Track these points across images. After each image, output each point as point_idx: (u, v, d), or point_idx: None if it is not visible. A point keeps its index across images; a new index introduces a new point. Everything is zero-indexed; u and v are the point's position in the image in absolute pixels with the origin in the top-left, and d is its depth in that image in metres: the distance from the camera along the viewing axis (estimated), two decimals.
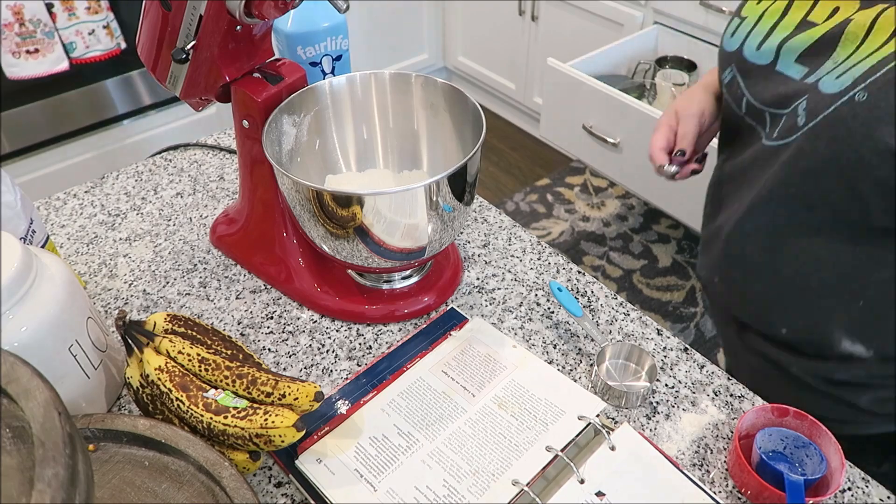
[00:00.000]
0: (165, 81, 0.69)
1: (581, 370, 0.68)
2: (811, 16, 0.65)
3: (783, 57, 0.67)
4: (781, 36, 0.67)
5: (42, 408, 0.36)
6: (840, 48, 0.61)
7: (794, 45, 0.66)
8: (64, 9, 1.64)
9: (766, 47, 0.69)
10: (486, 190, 2.33)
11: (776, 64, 0.67)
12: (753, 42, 0.70)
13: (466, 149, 0.70)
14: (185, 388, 0.55)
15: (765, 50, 0.69)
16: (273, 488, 0.58)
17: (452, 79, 2.74)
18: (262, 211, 0.75)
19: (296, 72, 0.69)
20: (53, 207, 0.90)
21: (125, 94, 1.91)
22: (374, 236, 0.63)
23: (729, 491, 0.58)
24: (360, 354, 0.70)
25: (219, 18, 0.61)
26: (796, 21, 0.66)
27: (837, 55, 0.61)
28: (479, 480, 0.57)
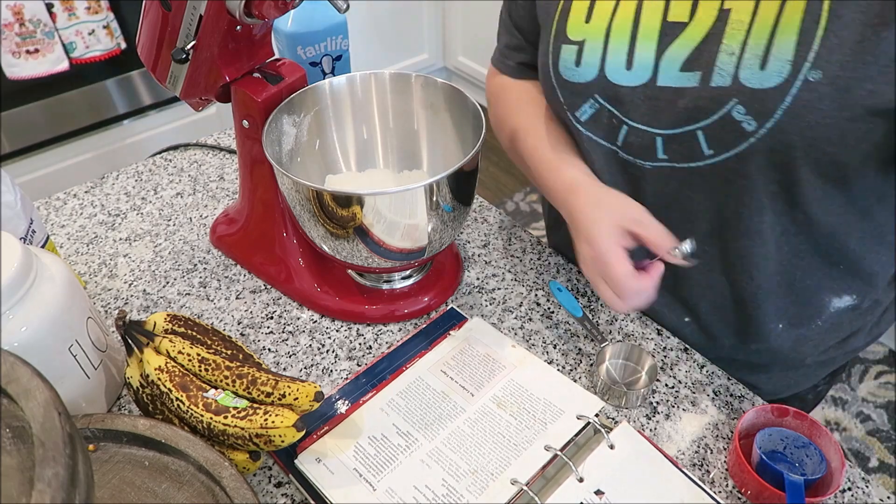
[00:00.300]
0: (165, 81, 0.69)
1: (581, 370, 0.68)
2: (671, 16, 0.58)
3: (664, 70, 0.59)
4: (650, 46, 0.59)
5: (42, 408, 0.36)
6: (727, 39, 0.55)
7: (674, 53, 0.58)
8: (64, 9, 1.64)
9: (638, 64, 0.60)
10: (486, 190, 2.33)
11: (657, 79, 0.59)
12: (617, 63, 0.61)
13: (466, 149, 0.70)
14: (185, 388, 0.55)
15: (638, 67, 0.60)
16: (273, 488, 0.58)
17: (452, 79, 2.74)
18: (262, 211, 0.75)
19: (296, 72, 0.69)
20: (53, 207, 0.90)
21: (125, 94, 1.91)
22: (374, 236, 0.63)
23: (729, 491, 0.58)
24: (360, 354, 0.70)
25: (219, 18, 0.61)
26: (657, 26, 0.59)
27: (729, 46, 0.55)
28: (477, 480, 0.57)
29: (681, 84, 0.58)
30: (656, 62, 0.59)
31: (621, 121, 0.63)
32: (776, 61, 0.54)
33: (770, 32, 0.54)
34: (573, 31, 0.63)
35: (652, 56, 0.59)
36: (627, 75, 0.61)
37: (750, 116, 0.56)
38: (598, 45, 0.62)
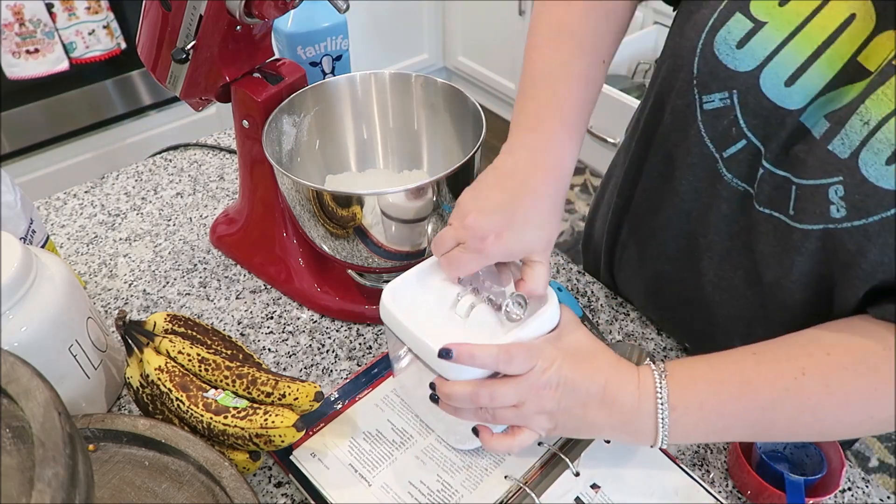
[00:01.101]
0: (165, 81, 0.69)
1: None
2: (863, 55, 0.46)
3: (816, 106, 0.48)
4: (826, 75, 0.48)
5: (42, 408, 0.36)
6: (870, 102, 0.45)
7: (834, 96, 0.47)
8: (64, 9, 1.64)
9: (801, 86, 0.49)
10: None
11: (803, 113, 0.49)
12: (782, 71, 0.49)
13: (466, 149, 0.70)
14: (185, 388, 0.55)
15: (798, 90, 0.49)
16: (273, 488, 0.58)
17: (452, 79, 2.74)
18: (262, 211, 0.75)
19: (296, 72, 0.69)
20: (53, 207, 0.90)
21: (125, 94, 1.91)
22: (373, 236, 0.63)
23: (729, 491, 0.58)
24: (360, 354, 0.70)
25: (219, 18, 0.61)
26: (846, 56, 0.47)
27: (867, 112, 0.45)
28: (472, 475, 0.57)
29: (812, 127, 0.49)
30: (817, 96, 0.48)
31: (742, 134, 0.52)
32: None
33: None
34: (759, 6, 0.50)
35: (819, 86, 0.48)
36: (781, 91, 0.50)
37: (843, 204, 0.47)
38: (777, 38, 0.49)
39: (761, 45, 0.50)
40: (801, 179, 0.49)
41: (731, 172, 0.55)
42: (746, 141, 0.53)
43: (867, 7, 0.47)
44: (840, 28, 0.47)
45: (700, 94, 0.54)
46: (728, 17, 0.51)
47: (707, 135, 0.55)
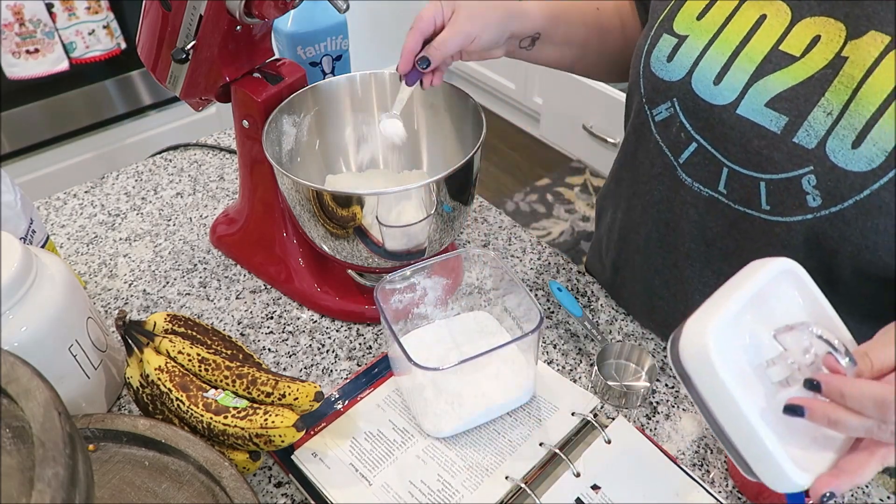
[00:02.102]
0: (165, 81, 0.69)
1: (581, 370, 0.68)
2: (785, 44, 0.52)
3: (750, 97, 0.53)
4: (748, 69, 0.53)
5: (42, 408, 0.36)
6: (830, 93, 0.49)
7: (767, 85, 0.52)
8: (64, 9, 1.64)
9: (727, 82, 0.54)
10: (486, 190, 2.33)
11: (738, 105, 0.54)
12: (707, 73, 0.55)
13: (466, 149, 0.70)
14: (185, 388, 0.55)
15: (726, 86, 0.54)
16: (273, 488, 0.58)
17: (452, 79, 2.74)
18: (262, 211, 0.75)
19: (296, 72, 0.69)
20: (53, 207, 0.90)
21: (125, 94, 1.91)
22: (373, 236, 0.63)
23: (729, 491, 0.58)
24: (360, 354, 0.70)
25: (219, 18, 0.61)
26: (765, 49, 0.53)
27: (829, 103, 0.49)
28: (473, 476, 0.57)
29: (761, 121, 0.52)
30: (745, 88, 0.53)
31: (691, 137, 0.57)
32: (872, 145, 0.47)
33: (879, 106, 0.47)
34: (681, 23, 0.58)
35: (744, 79, 0.53)
36: (711, 90, 0.55)
37: (818, 192, 0.50)
38: (699, 46, 0.56)
39: (687, 55, 0.57)
40: (768, 175, 0.52)
41: (690, 177, 0.59)
42: (696, 144, 0.57)
43: (778, 5, 0.53)
44: (754, 28, 0.54)
45: (650, 108, 0.61)
46: (658, 38, 0.59)
47: (663, 143, 0.61)
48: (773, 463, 0.40)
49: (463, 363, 0.54)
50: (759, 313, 0.43)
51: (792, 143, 0.50)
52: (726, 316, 0.41)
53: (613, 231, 0.75)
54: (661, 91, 0.59)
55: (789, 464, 0.40)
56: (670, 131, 0.59)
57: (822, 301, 0.45)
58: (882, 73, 0.47)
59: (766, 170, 0.52)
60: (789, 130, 0.51)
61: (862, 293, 0.55)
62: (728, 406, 0.40)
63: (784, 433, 0.41)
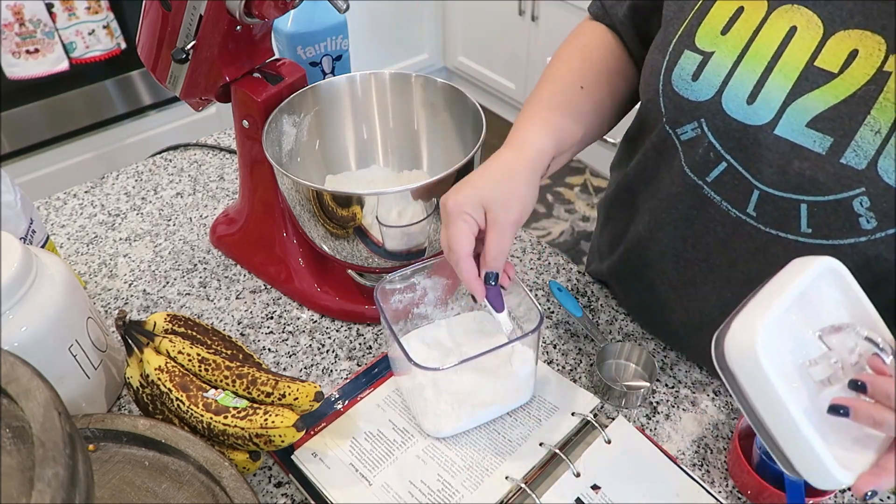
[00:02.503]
0: (165, 81, 0.69)
1: (581, 370, 0.68)
2: (820, 60, 0.49)
3: (789, 117, 0.50)
4: (783, 87, 0.50)
5: (42, 408, 0.36)
6: (876, 111, 0.46)
7: (807, 104, 0.49)
8: (64, 9, 1.64)
9: (762, 102, 0.51)
10: None
11: (776, 126, 0.50)
12: (740, 91, 0.52)
13: (466, 149, 0.70)
14: (185, 388, 0.55)
15: (760, 106, 0.51)
16: (273, 488, 0.58)
17: (452, 79, 2.74)
18: (262, 211, 0.75)
19: (296, 72, 0.69)
20: (53, 207, 0.90)
21: (125, 94, 1.91)
22: (373, 236, 0.63)
23: (729, 491, 0.58)
24: (360, 354, 0.70)
25: (219, 18, 0.61)
26: (800, 65, 0.49)
27: (875, 121, 0.46)
28: (473, 475, 0.57)
29: (802, 142, 0.49)
30: (783, 106, 0.50)
31: (720, 157, 0.54)
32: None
33: None
34: (704, 38, 0.54)
35: (781, 97, 0.50)
36: (745, 110, 0.52)
37: (872, 214, 0.47)
38: (727, 63, 0.53)
39: (714, 73, 0.53)
40: (813, 197, 0.50)
41: (719, 195, 0.56)
42: (727, 164, 0.55)
43: (808, 16, 0.50)
44: (785, 41, 0.50)
45: (673, 128, 0.58)
46: (678, 55, 0.55)
47: (686, 164, 0.58)
48: (816, 461, 0.41)
49: (463, 363, 0.54)
50: (804, 312, 0.43)
51: (839, 163, 0.48)
52: (773, 315, 0.42)
53: (622, 241, 0.72)
54: (686, 111, 0.56)
55: (832, 462, 0.40)
56: (696, 151, 0.57)
57: (865, 301, 0.45)
58: None
59: (809, 192, 0.50)
60: (835, 151, 0.48)
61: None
62: (774, 404, 0.41)
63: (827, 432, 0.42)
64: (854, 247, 0.50)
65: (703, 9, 0.55)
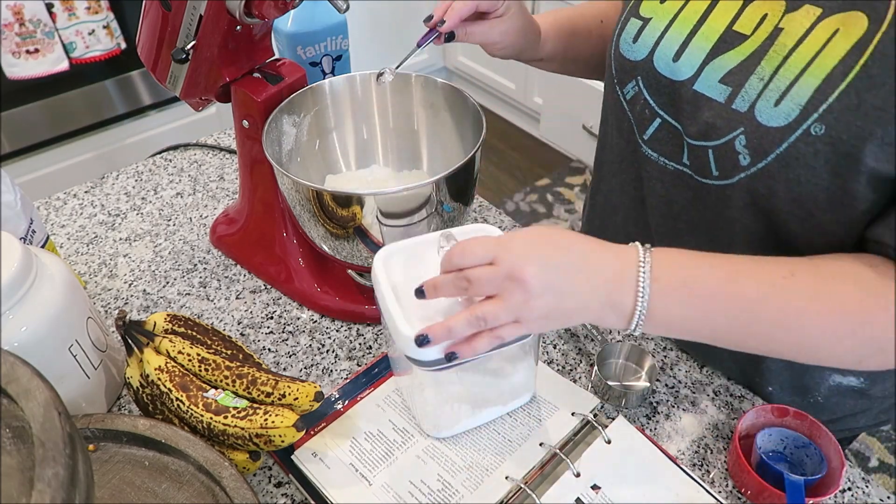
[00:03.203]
0: (165, 81, 0.69)
1: (581, 370, 0.68)
2: (738, 24, 0.55)
3: (706, 74, 0.56)
4: (705, 47, 0.57)
5: (42, 408, 0.36)
6: (765, 62, 0.53)
7: (722, 62, 0.55)
8: (64, 9, 1.64)
9: (685, 60, 0.58)
10: (486, 190, 2.33)
11: (695, 81, 0.57)
12: (667, 51, 0.59)
13: (466, 149, 0.70)
14: (185, 388, 0.55)
15: (684, 63, 0.58)
16: (273, 488, 0.58)
17: (452, 79, 2.74)
18: (262, 211, 0.75)
19: (296, 72, 0.69)
20: (53, 207, 0.90)
21: (125, 94, 1.91)
22: (373, 236, 0.63)
23: (729, 491, 0.58)
24: (360, 354, 0.70)
25: (219, 18, 0.61)
26: (720, 29, 0.56)
27: (762, 70, 0.53)
28: (473, 475, 0.57)
29: (712, 95, 0.56)
30: (702, 65, 0.57)
31: (655, 112, 0.61)
32: (790, 102, 0.50)
33: (802, 68, 0.50)
34: (647, 7, 0.62)
35: (702, 57, 0.57)
36: (671, 67, 0.59)
37: (747, 151, 0.53)
38: (660, 27, 0.60)
39: (650, 36, 0.61)
40: (713, 142, 0.56)
41: (655, 152, 0.63)
42: (661, 119, 0.61)
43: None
44: (709, 8, 0.58)
45: (619, 88, 0.65)
46: (626, 22, 0.64)
47: (633, 120, 0.64)
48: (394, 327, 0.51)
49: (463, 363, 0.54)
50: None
51: (731, 109, 0.54)
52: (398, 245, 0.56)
53: (596, 217, 0.77)
54: (627, 70, 0.63)
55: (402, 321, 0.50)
56: (636, 108, 0.63)
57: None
58: (811, 41, 0.51)
59: (712, 137, 0.56)
60: (730, 99, 0.55)
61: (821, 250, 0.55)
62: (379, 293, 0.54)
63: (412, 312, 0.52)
64: (739, 183, 0.55)
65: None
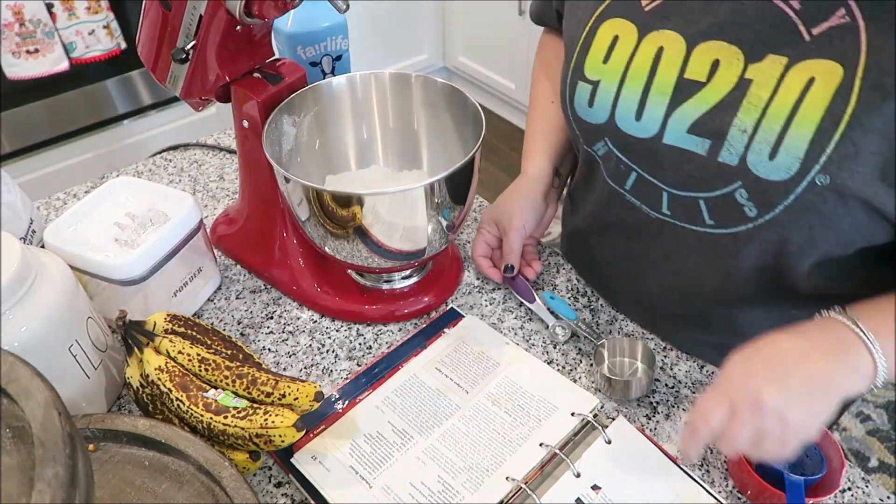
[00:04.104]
0: (165, 81, 0.69)
1: (581, 370, 0.68)
2: (688, 72, 0.56)
3: (672, 126, 0.57)
4: (662, 101, 0.57)
5: (42, 408, 0.36)
6: (742, 114, 0.53)
7: (684, 113, 0.56)
8: (64, 9, 1.64)
9: (647, 118, 0.58)
10: (486, 190, 2.33)
11: (663, 136, 0.58)
12: (627, 112, 0.60)
13: (466, 149, 0.70)
14: (185, 388, 0.55)
15: (647, 119, 0.58)
16: (273, 488, 0.58)
17: (452, 79, 2.74)
18: (262, 211, 0.75)
19: (296, 72, 0.69)
20: (53, 207, 0.90)
21: (125, 94, 1.91)
22: (373, 236, 0.63)
23: (729, 491, 0.58)
24: (360, 354, 0.70)
25: (219, 18, 0.60)
26: (672, 81, 0.57)
27: (742, 122, 0.53)
28: (473, 477, 0.57)
29: (687, 147, 0.57)
30: (665, 118, 0.57)
31: (630, 167, 0.62)
32: (787, 155, 0.51)
33: (786, 120, 0.51)
34: (591, 69, 0.62)
35: (662, 111, 0.58)
36: (636, 126, 0.59)
37: (752, 203, 0.54)
38: (612, 88, 0.60)
39: (604, 98, 0.61)
40: (705, 193, 0.57)
41: (638, 200, 0.64)
42: (636, 173, 0.62)
43: (672, 36, 0.57)
44: (655, 61, 0.58)
45: (588, 146, 0.66)
46: (574, 86, 0.64)
47: (608, 175, 0.66)
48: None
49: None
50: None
51: (718, 162, 0.55)
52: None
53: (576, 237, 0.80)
54: (592, 132, 0.64)
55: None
56: (610, 165, 0.65)
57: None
58: (785, 90, 0.51)
59: (702, 189, 0.57)
60: (713, 152, 0.55)
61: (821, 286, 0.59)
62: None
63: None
64: (746, 233, 0.57)
65: (586, 42, 0.63)
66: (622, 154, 0.62)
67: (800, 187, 0.51)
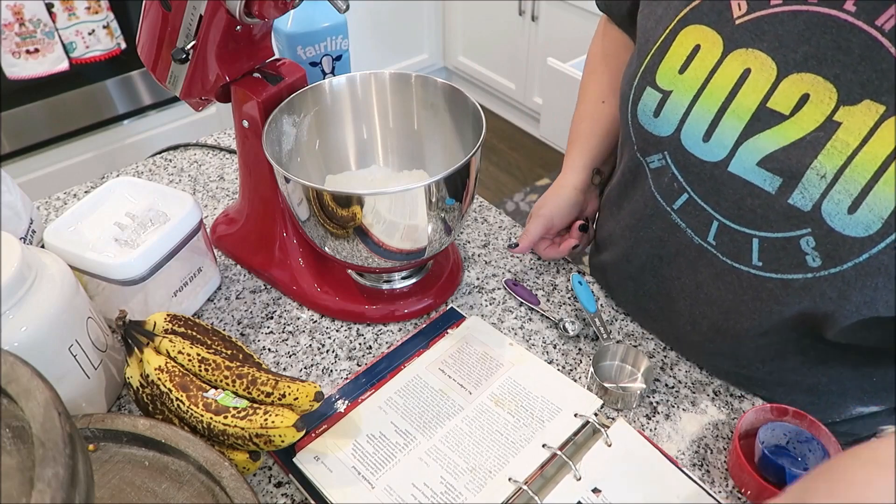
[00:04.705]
0: (165, 81, 0.69)
1: (581, 370, 0.68)
2: (772, 101, 0.51)
3: (741, 155, 0.53)
4: (736, 127, 0.53)
5: (42, 408, 0.36)
6: (823, 157, 0.49)
7: (758, 143, 0.52)
8: (64, 9, 1.64)
9: (717, 139, 0.54)
10: (486, 190, 2.33)
11: (729, 163, 0.54)
12: (696, 130, 0.55)
13: (466, 149, 0.70)
14: (185, 388, 0.55)
15: (716, 143, 0.54)
16: (273, 488, 0.58)
17: (452, 79, 2.74)
18: (262, 211, 0.75)
19: (296, 72, 0.69)
20: (53, 207, 0.90)
21: (125, 94, 1.91)
22: (373, 236, 0.63)
23: (729, 491, 0.58)
24: (360, 354, 0.70)
25: (219, 18, 0.61)
26: (752, 106, 0.52)
27: (822, 166, 0.49)
28: (476, 478, 0.57)
29: (753, 180, 0.52)
30: (735, 146, 0.53)
31: (683, 188, 0.58)
32: (868, 213, 0.47)
33: (874, 173, 0.46)
34: (663, 77, 0.57)
35: (734, 137, 0.53)
36: (702, 147, 0.55)
37: (818, 254, 0.50)
38: (685, 102, 0.56)
39: (673, 112, 0.57)
40: (763, 233, 0.53)
41: (684, 223, 0.60)
42: (688, 195, 0.58)
43: (763, 59, 0.52)
44: (738, 83, 0.53)
45: (642, 157, 0.62)
46: (641, 91, 0.59)
47: (656, 190, 0.62)
48: None
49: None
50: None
51: (787, 203, 0.51)
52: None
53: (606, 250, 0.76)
54: (652, 143, 0.60)
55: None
56: (663, 180, 0.61)
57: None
58: (877, 141, 0.47)
59: (761, 227, 0.53)
60: (784, 192, 0.51)
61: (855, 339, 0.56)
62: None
63: None
64: (801, 283, 0.53)
65: (663, 46, 0.58)
66: (679, 173, 0.58)
67: (877, 248, 0.47)
